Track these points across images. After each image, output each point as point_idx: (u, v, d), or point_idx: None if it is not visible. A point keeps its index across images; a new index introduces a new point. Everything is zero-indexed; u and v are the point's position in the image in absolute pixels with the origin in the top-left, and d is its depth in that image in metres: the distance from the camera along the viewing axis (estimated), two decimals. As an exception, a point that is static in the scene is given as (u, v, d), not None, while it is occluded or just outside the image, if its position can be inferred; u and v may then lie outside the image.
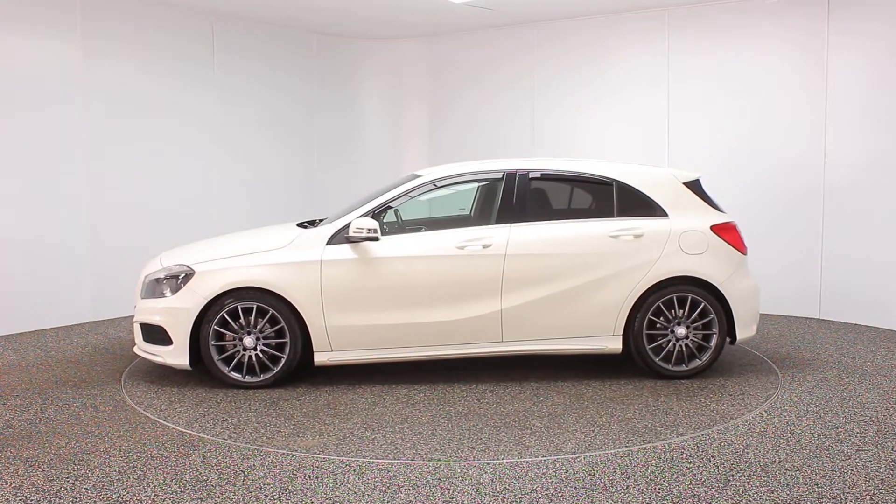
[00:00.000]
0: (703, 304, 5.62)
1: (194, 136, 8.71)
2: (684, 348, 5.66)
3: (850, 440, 4.44)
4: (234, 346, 5.51)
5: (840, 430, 4.62)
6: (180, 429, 4.70)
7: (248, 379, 5.52)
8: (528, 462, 4.16)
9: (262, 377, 5.52)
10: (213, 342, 5.47)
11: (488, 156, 8.89)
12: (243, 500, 3.71)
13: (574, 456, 4.24)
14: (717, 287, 5.61)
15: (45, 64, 7.42)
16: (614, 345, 5.65)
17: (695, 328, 5.65)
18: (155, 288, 5.65)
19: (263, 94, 9.42)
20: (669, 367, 5.65)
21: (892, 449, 4.31)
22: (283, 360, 5.51)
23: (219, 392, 5.48)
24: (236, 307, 5.46)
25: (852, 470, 4.01)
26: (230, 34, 8.98)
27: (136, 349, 5.85)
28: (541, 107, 9.31)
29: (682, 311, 5.63)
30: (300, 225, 6.04)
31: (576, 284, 5.57)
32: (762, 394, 5.35)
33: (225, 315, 5.46)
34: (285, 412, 5.05)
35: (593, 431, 4.61)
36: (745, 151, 8.08)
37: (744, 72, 8.04)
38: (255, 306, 5.45)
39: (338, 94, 10.28)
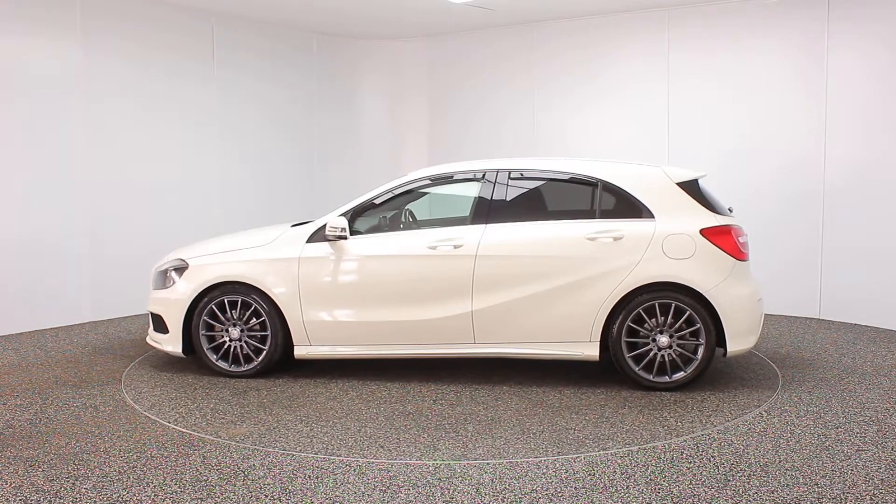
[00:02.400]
0: (688, 313, 5.29)
1: (194, 135, 8.71)
2: (667, 358, 5.33)
3: (850, 440, 4.44)
4: (222, 336, 5.82)
5: (840, 430, 4.62)
6: (180, 429, 4.70)
7: (233, 368, 5.81)
8: (528, 462, 4.16)
9: (246, 367, 5.80)
10: (203, 332, 5.81)
11: (487, 155, 8.88)
12: (243, 500, 3.71)
13: (574, 456, 4.24)
14: (704, 294, 5.26)
15: (45, 63, 7.42)
16: (591, 352, 5.41)
17: (680, 337, 5.33)
18: (158, 279, 6.09)
19: (263, 94, 9.42)
20: (650, 377, 5.35)
21: (892, 449, 4.31)
22: (264, 352, 5.75)
23: (203, 379, 5.79)
24: (223, 300, 5.77)
25: (852, 470, 4.01)
26: (230, 34, 8.98)
27: (147, 338, 6.23)
28: (541, 106, 9.31)
29: (664, 318, 5.31)
30: (296, 226, 6.10)
31: (549, 287, 5.38)
32: (762, 394, 5.35)
33: (213, 307, 5.78)
34: (245, 401, 5.30)
35: (515, 439, 4.50)
36: (745, 151, 8.08)
37: (744, 72, 8.04)
38: (239, 300, 5.74)
39: (338, 94, 10.29)
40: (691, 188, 5.54)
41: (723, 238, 5.37)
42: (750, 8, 7.97)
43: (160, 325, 5.96)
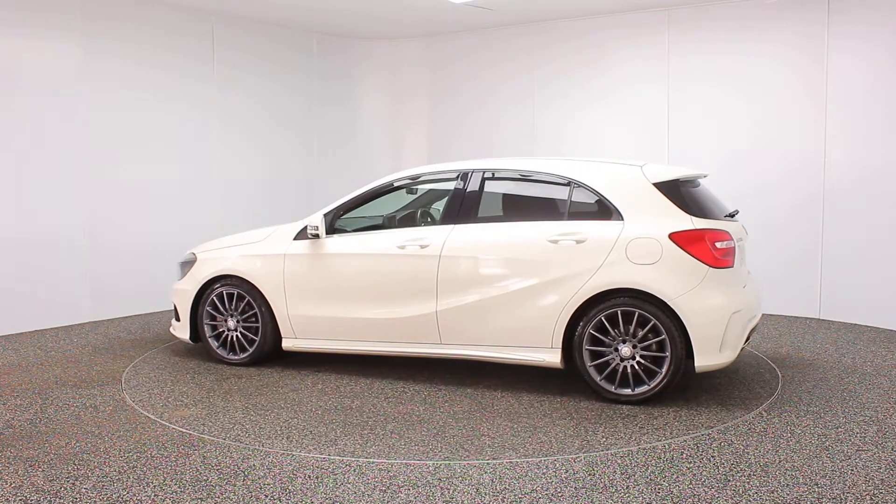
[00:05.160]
0: (652, 322, 4.95)
1: (195, 135, 8.71)
2: (629, 369, 5.02)
3: (850, 440, 4.44)
4: (222, 326, 6.21)
5: (840, 430, 4.62)
6: (180, 429, 4.70)
7: (230, 356, 6.18)
8: (528, 462, 4.16)
9: (241, 356, 6.14)
10: (206, 321, 6.21)
11: (487, 155, 8.89)
12: (243, 500, 3.71)
13: (574, 456, 4.24)
14: (668, 303, 4.90)
15: (45, 64, 7.42)
16: (552, 358, 5.20)
17: (645, 348, 4.99)
18: (178, 271, 6.57)
19: (264, 94, 9.42)
20: (612, 389, 5.05)
21: (892, 449, 4.31)
22: (256, 343, 6.06)
23: (201, 366, 6.20)
24: (223, 292, 6.13)
25: (852, 470, 4.01)
26: (230, 34, 8.98)
27: (170, 328, 6.70)
28: (541, 106, 9.31)
29: (628, 327, 5.00)
30: None
31: (510, 290, 5.24)
32: (762, 394, 5.35)
33: (214, 298, 6.15)
34: (217, 387, 5.62)
35: (420, 440, 4.47)
36: (745, 152, 8.08)
37: (744, 73, 8.04)
38: (236, 292, 6.08)
39: (338, 94, 10.28)
40: (669, 189, 5.18)
41: (694, 243, 4.96)
42: (750, 9, 7.97)
43: (176, 313, 6.42)
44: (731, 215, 5.55)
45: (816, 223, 7.76)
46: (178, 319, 6.41)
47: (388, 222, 6.10)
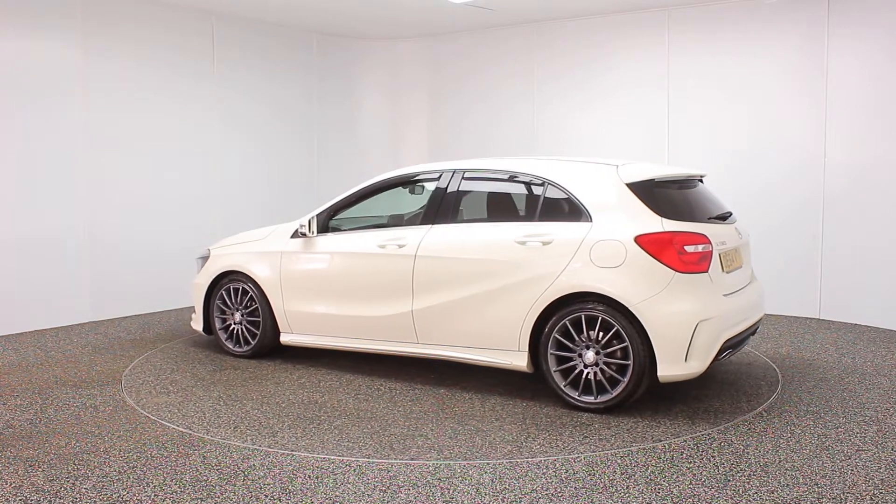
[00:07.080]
0: (615, 328, 4.77)
1: (194, 135, 8.71)
2: (593, 376, 4.86)
3: (850, 440, 4.44)
4: (229, 319, 6.47)
5: (840, 430, 4.62)
6: (180, 429, 4.70)
7: (235, 348, 6.42)
8: (528, 462, 4.16)
9: (245, 348, 6.37)
10: (217, 314, 6.50)
11: (487, 155, 8.89)
12: (243, 500, 3.71)
13: (574, 456, 4.24)
14: (630, 309, 4.70)
15: (45, 64, 7.42)
16: (518, 362, 5.10)
17: (609, 355, 4.81)
18: (197, 266, 6.82)
19: (264, 94, 9.41)
20: (576, 395, 4.92)
21: (892, 449, 4.31)
22: (257, 336, 6.27)
23: (208, 357, 6.47)
24: (230, 287, 6.39)
25: (852, 470, 4.01)
26: (230, 34, 8.98)
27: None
28: (541, 107, 9.31)
29: (591, 332, 4.85)
30: None
31: (479, 292, 5.19)
32: (762, 394, 5.35)
33: (223, 293, 6.43)
34: (209, 377, 5.84)
35: (357, 437, 4.50)
36: (746, 152, 8.08)
37: (744, 73, 8.03)
38: (240, 287, 6.32)
39: (338, 93, 10.28)
40: (643, 190, 4.97)
41: (660, 247, 4.73)
42: (750, 9, 7.97)
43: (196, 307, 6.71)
44: (723, 217, 5.36)
45: (816, 223, 7.76)
46: (195, 312, 6.71)
47: (395, 222, 6.10)
